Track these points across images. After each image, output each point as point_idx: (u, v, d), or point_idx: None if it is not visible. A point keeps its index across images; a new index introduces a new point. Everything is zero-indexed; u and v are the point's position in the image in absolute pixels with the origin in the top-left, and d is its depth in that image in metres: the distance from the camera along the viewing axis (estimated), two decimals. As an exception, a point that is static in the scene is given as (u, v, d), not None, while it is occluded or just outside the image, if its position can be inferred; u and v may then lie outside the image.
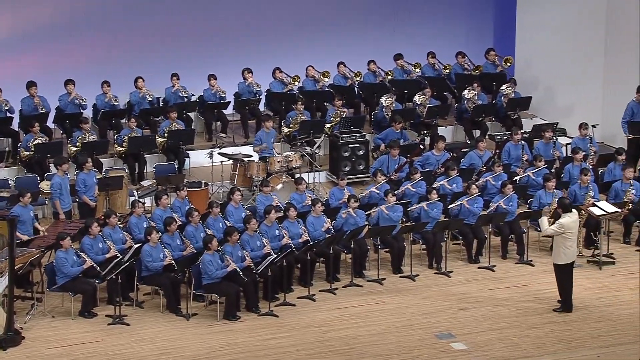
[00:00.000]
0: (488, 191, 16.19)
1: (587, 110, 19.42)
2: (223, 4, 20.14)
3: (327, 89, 19.47)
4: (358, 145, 18.06)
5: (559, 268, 13.67)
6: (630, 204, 15.55)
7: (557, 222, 13.59)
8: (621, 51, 19.44)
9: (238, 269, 13.76)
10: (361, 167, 18.06)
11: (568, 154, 17.53)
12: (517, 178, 16.51)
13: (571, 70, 19.97)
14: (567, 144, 18.07)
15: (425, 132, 18.56)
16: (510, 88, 19.27)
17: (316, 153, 18.05)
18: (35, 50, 19.18)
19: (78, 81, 18.45)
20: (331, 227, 14.99)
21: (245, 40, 20.23)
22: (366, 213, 15.27)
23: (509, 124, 19.01)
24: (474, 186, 15.62)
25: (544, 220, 13.79)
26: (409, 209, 15.54)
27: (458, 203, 15.49)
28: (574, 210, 13.80)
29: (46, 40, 19.17)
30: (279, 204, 15.31)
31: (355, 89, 19.75)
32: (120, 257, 13.94)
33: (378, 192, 15.83)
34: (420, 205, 15.46)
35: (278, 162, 17.15)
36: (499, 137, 18.40)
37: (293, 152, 17.44)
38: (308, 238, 14.65)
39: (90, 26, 19.47)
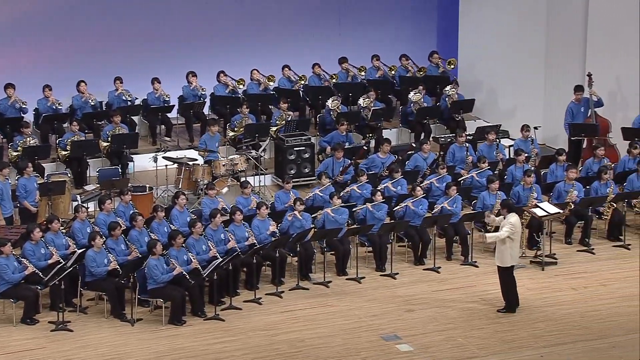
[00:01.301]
0: (433, 193, 16.31)
1: (529, 112, 19.68)
2: (166, 7, 20.02)
3: (272, 92, 19.45)
4: (303, 148, 18.07)
5: (505, 270, 13.78)
6: (572, 205, 15.77)
7: (507, 223, 13.69)
8: (562, 54, 19.71)
9: (184, 273, 13.67)
10: (307, 170, 18.07)
11: (511, 156, 17.72)
12: (461, 179, 16.65)
13: (513, 72, 20.20)
14: (509, 146, 18.27)
15: (370, 134, 18.64)
16: (453, 90, 19.44)
17: (261, 156, 18.00)
18: (-26, 54, 18.92)
19: (19, 85, 18.19)
20: (277, 230, 14.96)
21: (190, 43, 20.13)
22: (312, 216, 15.27)
23: (452, 126, 19.17)
24: (418, 188, 15.71)
25: (491, 235, 13.82)
26: (353, 210, 15.57)
27: (403, 205, 15.57)
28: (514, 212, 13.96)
29: (-15, 44, 18.93)
30: (225, 207, 15.25)
31: (300, 92, 19.76)
32: (63, 262, 13.76)
33: (322, 194, 15.84)
34: (365, 206, 15.51)
35: (223, 165, 17.09)
36: (443, 139, 18.55)
37: (238, 156, 17.39)
38: (254, 241, 14.61)
39: (32, 29, 19.22)
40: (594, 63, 18.87)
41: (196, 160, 17.31)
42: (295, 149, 18.01)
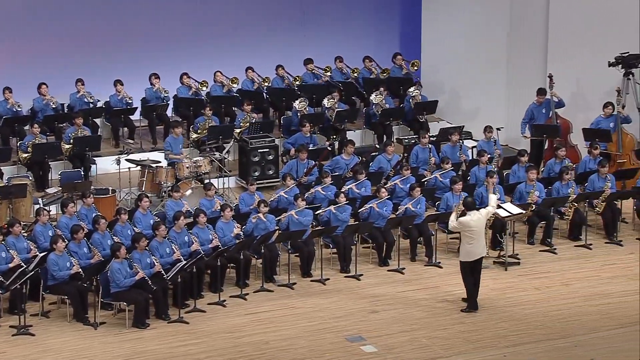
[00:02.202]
0: (397, 194, 16.35)
1: (492, 113, 19.80)
2: (129, 8, 19.90)
3: (235, 94, 19.40)
4: (267, 150, 18.03)
5: (461, 265, 13.91)
6: (534, 205, 15.88)
7: (458, 219, 13.86)
8: (523, 55, 19.84)
9: (147, 277, 13.58)
10: (271, 172, 18.04)
11: (474, 157, 17.81)
12: (424, 180, 16.71)
13: (476, 74, 20.32)
14: (472, 147, 18.37)
15: (334, 136, 18.65)
16: (417, 90, 19.51)
17: (225, 158, 17.94)
18: None
19: (-22, 88, 18.04)
20: (241, 232, 14.92)
21: (152, 45, 20.03)
22: (276, 218, 15.25)
23: (416, 127, 19.24)
24: (383, 189, 15.74)
25: (452, 215, 14.02)
26: (317, 212, 15.57)
27: (367, 206, 15.60)
28: (479, 210, 14.04)
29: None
30: (188, 209, 15.18)
31: (264, 94, 19.73)
32: (25, 266, 13.62)
33: (287, 196, 15.83)
34: (329, 208, 15.52)
35: (187, 167, 17.01)
36: (406, 140, 18.61)
37: (202, 158, 17.32)
38: (218, 244, 14.55)
39: (-9, 31, 19.06)
40: (555, 65, 19.01)
41: (159, 162, 17.22)
42: (259, 150, 17.97)
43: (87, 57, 19.49)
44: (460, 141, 17.79)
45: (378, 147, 18.34)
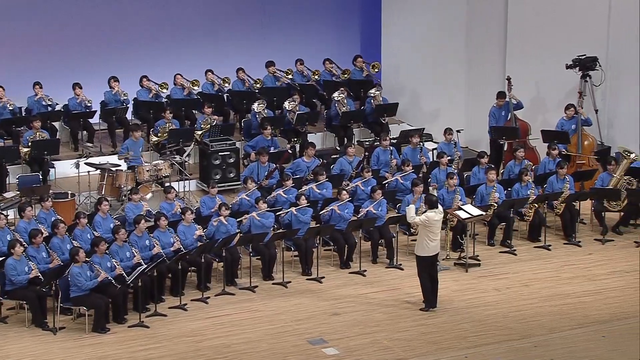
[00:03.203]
0: (358, 196, 16.37)
1: (452, 115, 19.90)
2: (87, 11, 19.75)
3: (196, 97, 19.32)
4: (228, 153, 17.98)
5: (420, 260, 13.94)
6: (495, 205, 15.98)
7: (424, 213, 13.89)
8: (482, 58, 19.97)
9: (110, 277, 13.48)
10: (232, 175, 17.98)
11: (434, 159, 17.89)
12: (385, 182, 16.75)
13: (435, 76, 20.42)
14: (433, 149, 18.45)
15: (295, 139, 18.64)
16: (378, 91, 19.54)
17: (186, 161, 17.85)
18: None
19: None
20: (203, 234, 14.85)
21: (112, 48, 19.90)
22: (237, 220, 15.20)
23: (377, 130, 19.29)
24: (344, 192, 15.76)
25: (411, 209, 14.05)
26: (278, 213, 15.54)
27: (329, 209, 15.60)
28: (440, 207, 14.11)
29: None
30: (148, 209, 15.08)
31: (225, 96, 19.66)
32: (-17, 271, 13.46)
33: (248, 199, 15.79)
34: (289, 210, 15.50)
35: (147, 171, 16.91)
36: (367, 142, 18.63)
37: (162, 161, 17.22)
38: (180, 247, 14.47)
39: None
40: (513, 67, 19.14)
41: (119, 166, 17.10)
42: (219, 153, 17.91)
43: (45, 60, 19.31)
44: (421, 143, 17.86)
45: (339, 149, 18.35)
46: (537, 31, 18.99)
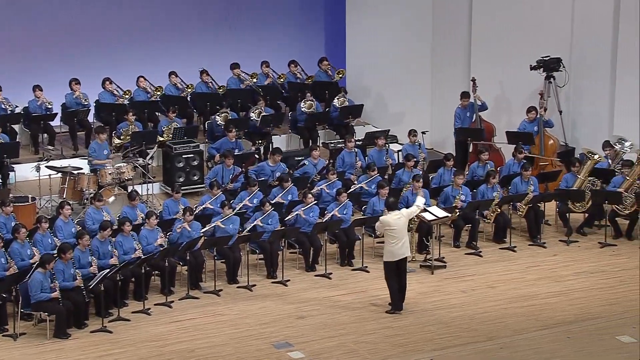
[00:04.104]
0: (323, 199, 16.27)
1: (417, 117, 19.87)
2: (47, 12, 19.49)
3: (159, 100, 19.13)
4: (192, 155, 17.81)
5: (385, 265, 13.92)
6: (461, 204, 15.92)
7: (380, 219, 13.89)
8: (447, 60, 19.99)
9: (59, 298, 13.18)
10: (195, 178, 17.81)
11: (400, 161, 17.85)
12: (350, 190, 16.54)
13: (401, 78, 20.39)
14: (398, 151, 18.41)
15: (260, 141, 18.52)
16: (343, 98, 19.51)
17: (149, 164, 17.66)
18: None
19: None
20: (165, 242, 14.66)
21: (73, 49, 19.65)
22: (202, 231, 15.00)
23: (342, 132, 19.21)
24: (310, 195, 15.66)
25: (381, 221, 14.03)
26: (245, 225, 15.38)
27: (294, 214, 15.49)
28: (400, 210, 14.04)
29: None
30: (108, 219, 14.83)
31: (188, 98, 19.49)
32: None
33: (212, 207, 15.61)
34: (255, 216, 15.34)
35: (109, 174, 16.69)
36: (332, 145, 18.56)
37: (125, 164, 17.02)
38: (141, 255, 14.26)
39: None
40: (478, 68, 19.18)
41: (81, 169, 16.87)
42: (183, 156, 17.73)
43: (3, 62, 19.02)
44: (387, 145, 17.80)
45: (303, 150, 18.26)
46: (502, 33, 19.04)
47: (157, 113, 19.02)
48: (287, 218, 15.51)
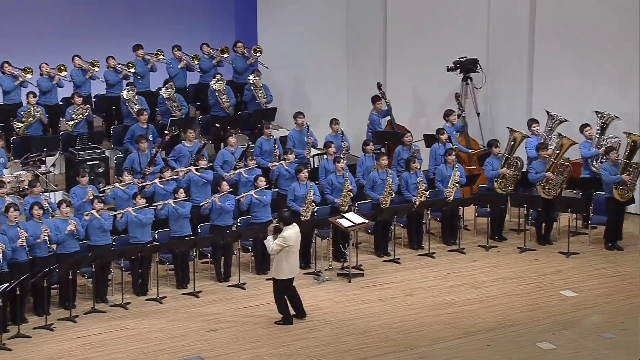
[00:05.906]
0: (242, 185, 15.70)
1: (333, 117, 19.42)
2: None
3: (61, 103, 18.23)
4: (97, 162, 17.03)
5: (280, 283, 13.43)
6: (393, 193, 15.59)
7: (279, 236, 13.32)
8: (363, 63, 19.77)
9: None
10: (101, 186, 17.02)
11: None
12: (269, 185, 15.99)
13: (316, 81, 20.03)
14: (314, 156, 17.92)
15: (173, 127, 17.71)
16: (257, 77, 18.81)
17: (51, 172, 16.86)
18: None
19: None
20: (74, 229, 13.90)
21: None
22: (112, 214, 14.39)
23: (255, 135, 18.60)
24: (224, 182, 15.13)
25: (269, 240, 13.43)
26: (155, 207, 14.77)
27: (209, 200, 14.94)
28: (294, 223, 13.58)
29: None
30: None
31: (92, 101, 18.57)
32: None
33: (123, 193, 15.00)
34: (167, 202, 14.70)
35: (8, 182, 15.82)
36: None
37: (25, 172, 16.19)
38: (24, 243, 13.50)
39: None
40: (394, 70, 18.98)
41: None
42: (88, 163, 16.92)
43: None
44: (307, 122, 17.25)
45: (205, 143, 17.64)
46: (418, 33, 18.93)
47: (59, 102, 17.98)
48: (202, 204, 14.96)
